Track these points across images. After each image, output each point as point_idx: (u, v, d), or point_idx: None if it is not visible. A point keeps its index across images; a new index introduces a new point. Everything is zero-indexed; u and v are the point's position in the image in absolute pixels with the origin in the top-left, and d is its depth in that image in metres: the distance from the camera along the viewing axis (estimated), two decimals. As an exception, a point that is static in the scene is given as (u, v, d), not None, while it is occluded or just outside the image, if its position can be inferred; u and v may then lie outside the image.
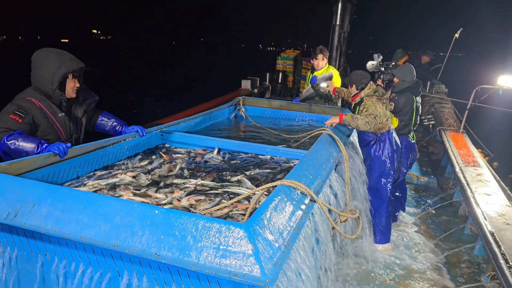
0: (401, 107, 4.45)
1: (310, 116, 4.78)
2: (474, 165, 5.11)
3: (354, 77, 4.10)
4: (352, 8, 8.21)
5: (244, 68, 15.50)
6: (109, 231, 1.57)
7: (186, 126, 3.75)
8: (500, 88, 6.05)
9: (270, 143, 3.60)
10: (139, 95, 16.08)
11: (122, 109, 9.18)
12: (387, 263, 3.90)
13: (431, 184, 6.00)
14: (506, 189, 4.45)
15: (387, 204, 4.11)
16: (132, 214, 1.61)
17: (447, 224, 4.85)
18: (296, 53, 11.60)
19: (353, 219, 2.62)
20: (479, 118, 8.32)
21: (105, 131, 2.96)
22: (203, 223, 1.55)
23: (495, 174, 4.94)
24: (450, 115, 8.02)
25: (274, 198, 1.88)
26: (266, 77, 10.72)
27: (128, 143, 2.89)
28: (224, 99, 7.54)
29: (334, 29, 7.85)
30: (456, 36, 9.98)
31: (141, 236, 1.54)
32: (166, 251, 1.50)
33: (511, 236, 3.26)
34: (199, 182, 2.45)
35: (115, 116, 3.02)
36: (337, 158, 3.04)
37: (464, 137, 6.59)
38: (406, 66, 4.59)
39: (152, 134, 3.18)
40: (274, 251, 1.58)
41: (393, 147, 4.02)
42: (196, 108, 6.46)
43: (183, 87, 17.92)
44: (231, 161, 2.94)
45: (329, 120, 3.78)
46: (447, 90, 10.38)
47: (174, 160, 2.84)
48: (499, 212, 3.70)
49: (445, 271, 3.86)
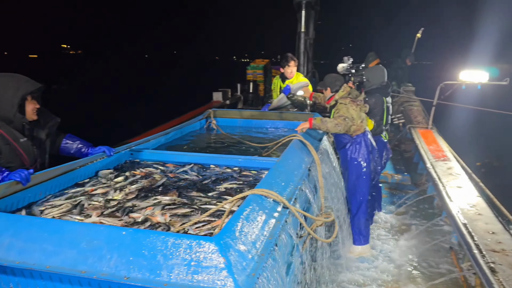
0: (371, 108, 4.54)
1: (281, 124, 4.80)
2: (444, 159, 5.24)
3: (328, 80, 4.16)
4: (316, 15, 8.36)
5: (218, 80, 15.49)
6: (75, 257, 1.52)
7: (156, 142, 3.70)
8: (463, 83, 6.25)
9: (242, 153, 3.59)
10: (109, 112, 15.78)
11: (90, 128, 8.98)
12: (366, 263, 3.94)
13: (405, 181, 6.11)
14: (477, 181, 4.57)
15: (365, 205, 4.16)
16: (99, 238, 1.56)
17: (422, 218, 4.95)
18: (265, 62, 11.68)
19: (329, 222, 2.64)
20: (446, 113, 8.57)
21: (70, 154, 2.88)
22: (173, 240, 1.52)
23: (465, 166, 5.07)
24: (419, 112, 8.24)
25: (245, 209, 1.86)
26: (238, 88, 10.74)
27: (96, 165, 2.82)
28: (195, 112, 7.51)
29: (300, 36, 7.96)
30: (418, 35, 10.31)
31: (110, 260, 1.50)
32: (136, 272, 1.46)
33: (483, 226, 3.34)
34: (172, 198, 2.41)
35: (79, 138, 2.95)
36: (309, 163, 3.06)
37: (433, 133, 6.76)
38: (377, 69, 4.71)
39: (121, 154, 3.12)
40: (248, 262, 1.56)
41: (368, 148, 4.08)
42: (168, 124, 6.39)
43: (155, 103, 17.72)
44: (204, 174, 2.92)
45: (299, 126, 3.81)
46: (415, 89, 10.66)
47: (145, 177, 2.79)
48: (471, 203, 3.79)
49: (423, 264, 3.92)
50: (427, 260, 3.99)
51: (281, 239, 1.97)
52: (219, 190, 2.55)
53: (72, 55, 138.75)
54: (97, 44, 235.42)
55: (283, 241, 1.95)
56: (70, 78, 33.66)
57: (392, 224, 4.84)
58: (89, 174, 2.75)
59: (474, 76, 6.10)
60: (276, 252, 1.81)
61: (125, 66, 51.83)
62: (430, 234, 4.45)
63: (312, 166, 3.14)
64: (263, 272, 1.58)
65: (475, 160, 6.77)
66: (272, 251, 1.75)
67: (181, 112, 8.13)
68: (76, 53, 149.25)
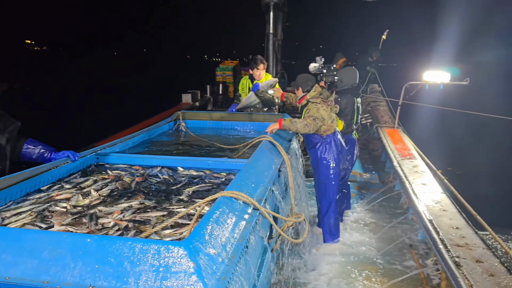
0: (342, 108, 4.63)
1: (251, 125, 4.80)
2: (410, 157, 5.38)
3: (300, 80, 4.19)
4: (284, 16, 8.42)
5: (189, 80, 15.28)
6: (37, 267, 1.46)
7: (123, 146, 3.61)
8: (426, 83, 6.45)
9: (212, 155, 3.56)
10: (74, 114, 15.28)
11: (52, 132, 8.66)
12: (336, 261, 3.99)
13: (373, 180, 6.24)
14: (442, 177, 4.72)
15: (334, 204, 4.21)
16: (62, 246, 1.50)
17: (390, 216, 5.06)
18: (234, 63, 11.67)
19: (299, 222, 2.65)
20: (411, 112, 8.83)
21: (32, 159, 2.76)
22: (140, 246, 1.48)
23: (430, 164, 5.23)
24: (385, 112, 8.44)
25: (215, 211, 1.84)
26: (207, 90, 10.68)
27: (60, 170, 2.73)
28: (164, 115, 7.39)
29: (268, 38, 8.00)
30: (383, 37, 10.56)
31: (73, 268, 1.44)
32: (102, 280, 1.41)
33: (448, 222, 3.45)
34: (141, 201, 2.36)
35: (42, 142, 2.84)
36: (278, 164, 3.07)
37: (399, 132, 6.94)
38: (350, 70, 4.79)
39: (86, 158, 3.02)
40: (218, 266, 1.54)
41: (338, 148, 4.13)
42: (135, 127, 6.26)
43: (123, 104, 17.29)
44: (172, 177, 2.87)
45: (269, 127, 3.82)
46: (381, 89, 10.91)
47: (112, 182, 2.71)
48: (436, 200, 3.91)
49: (392, 261, 4.01)
50: (394, 257, 4.08)
51: (252, 241, 1.96)
52: (189, 193, 2.52)
53: (37, 52, 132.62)
54: (65, 41, 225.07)
55: (253, 243, 1.94)
56: (33, 77, 32.35)
57: (360, 222, 4.92)
58: (52, 179, 2.65)
59: (436, 76, 6.30)
60: (247, 254, 1.80)
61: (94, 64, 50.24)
62: (398, 230, 4.56)
63: (282, 166, 3.15)
64: (234, 275, 1.57)
65: (439, 158, 6.99)
66: (242, 254, 1.73)
67: (148, 114, 7.98)
68: (41, 49, 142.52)
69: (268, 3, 7.80)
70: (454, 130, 10.46)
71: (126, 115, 10.13)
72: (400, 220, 4.62)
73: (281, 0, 7.96)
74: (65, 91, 23.36)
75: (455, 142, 9.87)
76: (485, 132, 9.94)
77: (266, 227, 2.23)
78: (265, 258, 2.18)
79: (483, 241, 3.06)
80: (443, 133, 10.50)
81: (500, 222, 4.75)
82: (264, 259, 2.17)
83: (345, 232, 4.60)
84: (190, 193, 2.52)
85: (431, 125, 10.09)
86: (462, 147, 9.69)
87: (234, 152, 3.62)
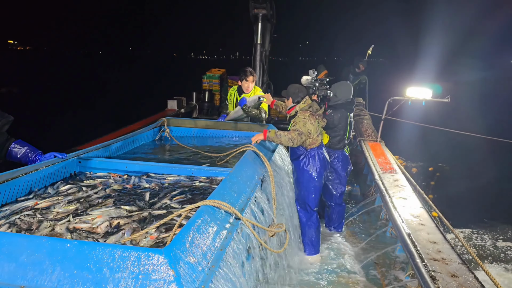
0: (336, 123, 4.66)
1: (236, 134, 4.82)
2: (391, 171, 5.46)
3: (291, 90, 4.20)
4: (272, 27, 8.51)
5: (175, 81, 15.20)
6: (14, 271, 1.44)
7: (106, 150, 3.58)
8: (409, 99, 6.58)
9: (195, 163, 3.56)
10: (59, 117, 15.02)
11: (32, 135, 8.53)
12: (316, 273, 4.01)
13: (354, 192, 6.32)
14: (421, 192, 4.80)
15: (315, 217, 4.25)
16: (40, 250, 1.49)
17: (371, 229, 5.12)
18: (221, 72, 11.68)
19: (280, 233, 2.67)
20: (393, 127, 9.00)
21: (17, 159, 2.75)
22: (120, 253, 1.48)
23: (410, 178, 5.32)
24: (369, 126, 8.55)
25: (196, 220, 1.85)
26: (193, 97, 10.66)
27: (41, 173, 2.69)
28: (149, 120, 7.35)
29: (256, 48, 8.07)
30: (369, 52, 10.75)
31: (52, 273, 1.43)
32: (80, 286, 1.41)
33: (425, 236, 3.51)
34: (122, 208, 2.34)
35: (30, 144, 2.82)
36: (262, 174, 3.09)
37: (381, 145, 7.05)
38: (344, 84, 4.81)
39: (68, 162, 2.99)
40: (197, 274, 1.55)
41: (322, 162, 4.16)
42: (119, 131, 6.21)
43: (108, 107, 17.08)
44: (155, 184, 2.86)
45: (254, 137, 3.84)
46: (365, 103, 11.07)
47: (94, 187, 2.69)
48: (414, 214, 3.98)
49: (371, 273, 4.05)
50: (374, 269, 4.13)
51: (233, 250, 1.97)
52: (171, 200, 2.51)
53: (20, 52, 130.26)
54: (48, 40, 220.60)
55: (234, 252, 1.95)
56: (16, 78, 31.72)
57: (341, 234, 4.97)
58: (31, 183, 2.61)
59: (419, 92, 6.44)
60: (227, 263, 1.81)
61: (79, 64, 49.53)
62: (378, 243, 4.61)
63: (265, 177, 3.17)
64: (213, 284, 1.58)
65: (418, 171, 7.15)
66: (223, 263, 1.74)
67: (132, 120, 7.90)
68: (25, 49, 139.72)
69: (256, 14, 7.87)
70: (434, 146, 10.68)
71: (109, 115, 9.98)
72: (380, 233, 4.68)
73: (269, 12, 8.05)
74: (46, 91, 23.01)
75: (434, 156, 10.09)
76: (462, 148, 10.21)
77: (247, 237, 2.24)
78: (246, 267, 2.18)
79: (458, 256, 3.12)
80: (423, 148, 10.70)
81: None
82: (244, 268, 2.17)
83: (324, 243, 4.63)
84: (172, 200, 2.52)
85: (412, 139, 10.28)
86: (440, 157, 9.95)
87: (217, 160, 3.63)
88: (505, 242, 5.72)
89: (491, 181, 8.03)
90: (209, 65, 11.67)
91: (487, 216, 6.49)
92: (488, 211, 6.73)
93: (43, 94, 21.58)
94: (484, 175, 8.44)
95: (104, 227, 2.07)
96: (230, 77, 11.15)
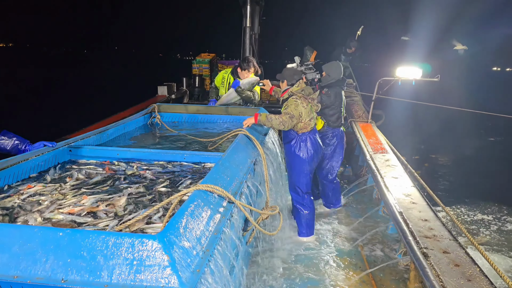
0: (332, 101, 4.72)
1: (228, 118, 4.80)
2: (382, 151, 5.50)
3: (286, 72, 4.16)
4: (261, 10, 8.41)
5: (161, 75, 15.01)
6: (6, 262, 1.43)
7: (97, 138, 3.55)
8: (399, 79, 6.59)
9: (187, 148, 3.55)
10: (44, 108, 14.84)
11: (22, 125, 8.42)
12: (310, 254, 4.06)
13: (347, 173, 6.37)
14: (412, 171, 4.85)
15: (308, 199, 4.27)
16: (33, 240, 1.48)
17: (363, 209, 5.18)
18: (211, 56, 11.55)
19: (274, 215, 2.69)
20: (384, 107, 9.03)
21: (7, 151, 2.71)
22: (114, 240, 1.48)
23: (401, 158, 5.36)
24: (359, 107, 8.56)
25: (190, 205, 1.85)
26: (183, 82, 10.55)
27: (31, 162, 2.66)
28: (139, 107, 7.27)
29: (245, 31, 7.99)
30: (358, 33, 10.68)
31: (45, 263, 1.42)
32: (75, 274, 1.40)
33: (417, 214, 3.55)
34: (115, 195, 2.33)
35: (16, 134, 2.78)
36: (254, 158, 3.09)
37: (372, 126, 7.07)
38: (335, 64, 4.87)
39: (59, 151, 2.96)
40: (192, 259, 1.55)
41: (314, 146, 4.16)
42: (109, 119, 6.14)
43: (94, 98, 16.90)
44: (148, 170, 2.85)
45: (246, 121, 3.83)
46: (355, 84, 11.06)
47: (86, 175, 2.67)
48: (406, 193, 4.02)
49: (364, 252, 4.11)
50: (367, 248, 4.19)
51: (227, 234, 1.98)
52: (164, 186, 2.51)
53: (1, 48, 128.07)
54: (31, 37, 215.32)
55: (228, 236, 1.96)
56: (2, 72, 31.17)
57: (334, 215, 5.02)
58: (22, 172, 2.58)
59: (409, 72, 6.44)
60: (222, 247, 1.81)
61: (63, 60, 48.84)
62: (371, 223, 4.67)
63: (258, 160, 3.17)
64: (208, 268, 1.58)
65: (410, 151, 7.22)
66: (217, 247, 1.75)
67: (121, 107, 7.80)
68: (7, 46, 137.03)
69: (245, -4, 7.78)
70: (424, 123, 10.77)
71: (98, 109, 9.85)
72: (372, 213, 4.73)
73: None
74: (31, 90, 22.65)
75: (424, 134, 10.19)
76: (452, 125, 10.33)
77: (241, 220, 2.25)
78: (240, 250, 2.20)
79: (449, 233, 3.17)
80: (414, 126, 10.79)
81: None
82: (238, 251, 2.19)
83: (318, 224, 4.68)
84: (165, 186, 2.52)
85: (403, 118, 10.34)
86: (430, 137, 10.05)
87: (209, 145, 3.62)
88: (492, 217, 5.84)
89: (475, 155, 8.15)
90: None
91: (476, 195, 6.62)
92: (477, 189, 6.87)
93: (18, 85, 21.16)
94: (468, 148, 8.56)
95: (97, 214, 2.06)
96: (220, 62, 11.05)
